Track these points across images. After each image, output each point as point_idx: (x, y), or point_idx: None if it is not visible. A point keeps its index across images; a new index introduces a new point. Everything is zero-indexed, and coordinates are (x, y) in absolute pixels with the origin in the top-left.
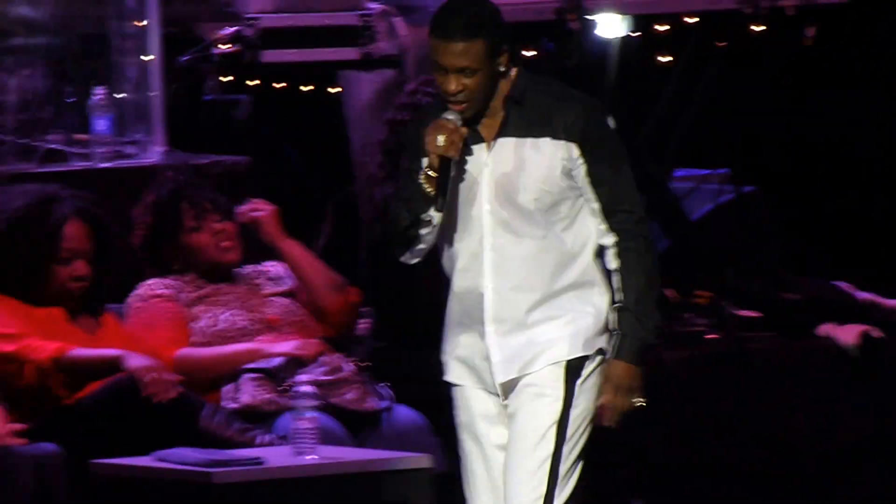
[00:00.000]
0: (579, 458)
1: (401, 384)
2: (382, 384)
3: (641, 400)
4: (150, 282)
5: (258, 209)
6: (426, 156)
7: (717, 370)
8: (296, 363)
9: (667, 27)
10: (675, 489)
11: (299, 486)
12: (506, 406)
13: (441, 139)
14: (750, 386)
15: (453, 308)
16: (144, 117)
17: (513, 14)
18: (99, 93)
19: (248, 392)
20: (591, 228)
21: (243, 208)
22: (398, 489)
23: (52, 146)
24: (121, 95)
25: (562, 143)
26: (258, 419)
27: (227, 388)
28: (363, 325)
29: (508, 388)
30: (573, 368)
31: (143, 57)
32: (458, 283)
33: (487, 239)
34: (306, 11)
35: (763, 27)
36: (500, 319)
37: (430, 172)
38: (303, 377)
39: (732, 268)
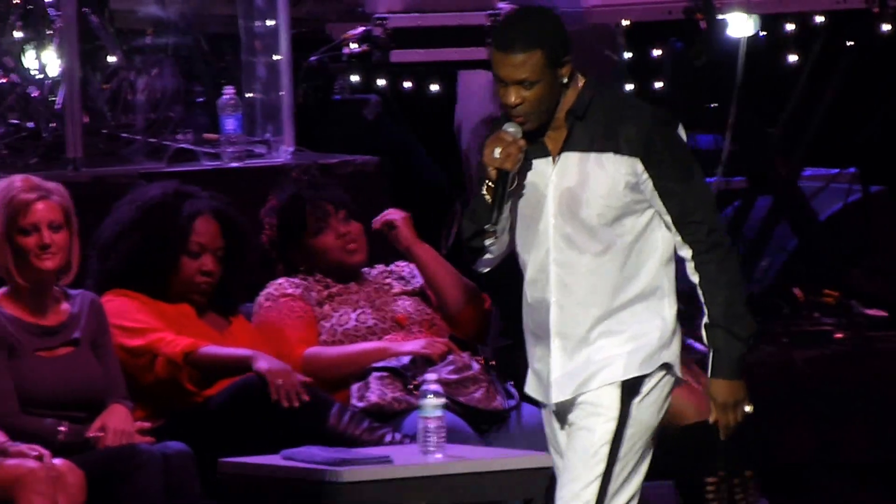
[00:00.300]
0: (633, 474)
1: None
2: (509, 382)
3: (749, 407)
4: (279, 281)
5: (392, 216)
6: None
7: (845, 369)
8: (423, 362)
9: (794, 26)
10: (804, 487)
11: (426, 484)
12: (561, 426)
13: (498, 151)
14: (878, 384)
15: (527, 320)
16: (273, 117)
17: (643, 14)
18: (228, 92)
19: (376, 391)
20: (659, 241)
21: (377, 218)
22: (524, 488)
23: (182, 145)
24: (250, 95)
25: (625, 157)
26: (386, 418)
27: (355, 387)
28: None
29: (563, 408)
30: (630, 388)
31: (272, 56)
32: (530, 294)
33: (552, 253)
34: (435, 11)
35: (890, 26)
36: (563, 335)
37: (489, 184)
38: (430, 376)
39: (860, 267)
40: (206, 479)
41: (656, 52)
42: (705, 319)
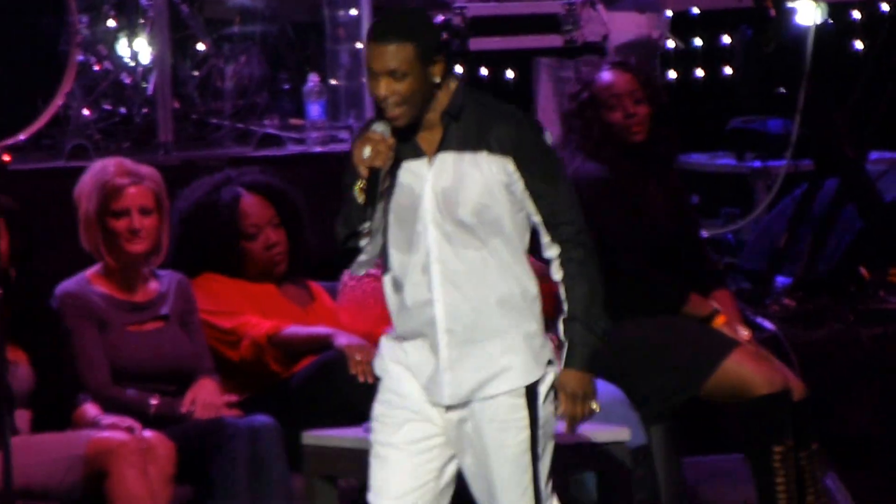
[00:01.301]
0: (551, 464)
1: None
2: None
3: (596, 406)
4: None
5: None
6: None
7: None
8: None
9: (861, 14)
10: (869, 460)
11: None
12: (456, 420)
13: (367, 150)
14: None
15: (402, 323)
16: (356, 103)
17: (714, 1)
18: (313, 79)
19: None
20: (527, 241)
21: None
22: (597, 461)
23: (268, 131)
24: (334, 82)
25: (497, 157)
26: None
27: None
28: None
29: (457, 405)
30: (531, 391)
31: (355, 44)
32: (410, 297)
33: (433, 252)
34: (511, 0)
35: None
36: (452, 331)
37: (360, 184)
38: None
39: None
40: (291, 452)
41: (727, 40)
42: (564, 314)
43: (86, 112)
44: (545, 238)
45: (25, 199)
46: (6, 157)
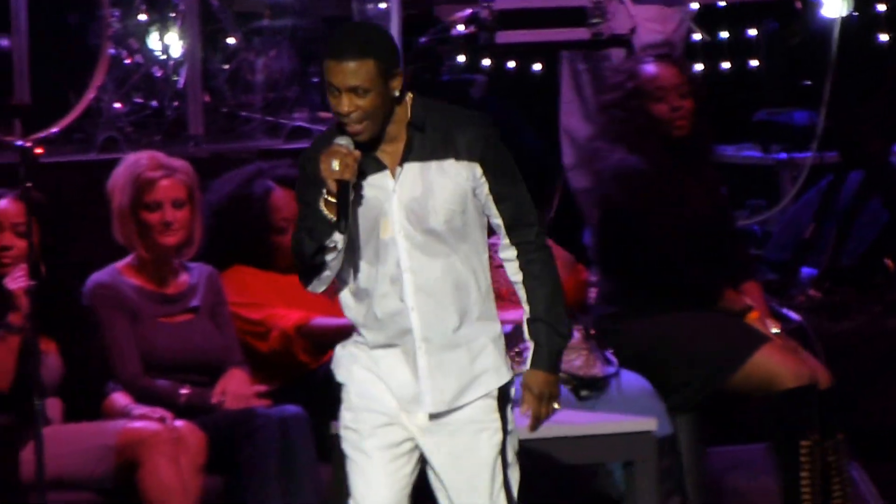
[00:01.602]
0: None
1: (625, 350)
2: (608, 350)
3: (558, 406)
4: None
5: None
6: (323, 183)
7: None
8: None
9: (886, 7)
10: (894, 456)
11: (527, 447)
12: (427, 424)
13: (335, 164)
14: None
15: (375, 334)
16: None
17: None
18: None
19: None
20: (485, 245)
21: None
22: (624, 451)
23: (298, 124)
24: None
25: (464, 163)
26: None
27: None
28: (591, 293)
29: (431, 423)
30: (503, 394)
31: None
32: (382, 308)
33: (404, 262)
34: None
35: None
36: (428, 339)
37: (329, 198)
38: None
39: None
40: (320, 442)
41: (753, 32)
42: (527, 315)
43: (117, 105)
44: (504, 240)
45: (57, 191)
46: (38, 150)
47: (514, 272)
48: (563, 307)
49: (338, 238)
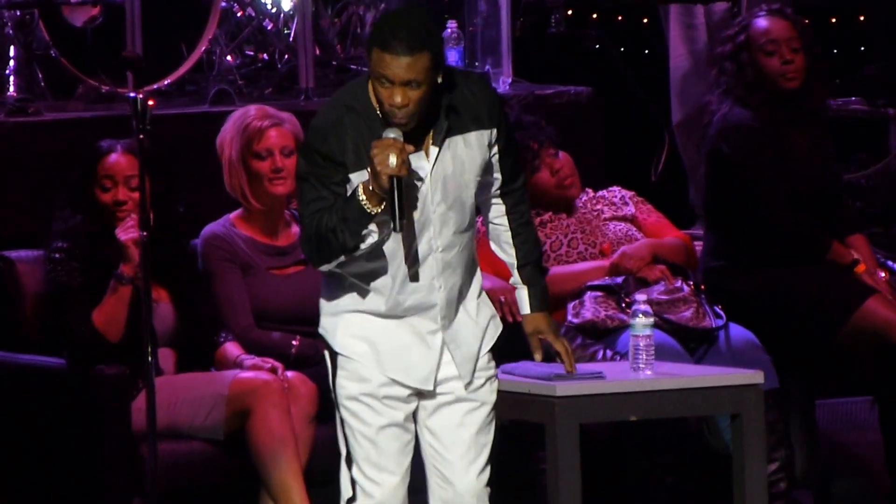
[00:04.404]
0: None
1: (733, 304)
2: (717, 305)
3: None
4: None
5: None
6: (373, 174)
7: None
8: (637, 282)
9: None
10: None
11: (636, 399)
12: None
13: (393, 159)
14: None
15: (393, 307)
16: (493, 50)
17: None
18: (451, 26)
19: (590, 308)
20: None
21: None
22: (731, 404)
23: None
24: (471, 29)
25: (486, 131)
26: (599, 335)
27: (570, 305)
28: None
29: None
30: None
31: None
32: (406, 287)
33: (435, 241)
34: None
35: None
36: (448, 316)
37: (376, 191)
38: (640, 296)
39: None
40: None
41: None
42: (519, 262)
43: (229, 58)
44: (496, 192)
45: (169, 143)
46: (151, 102)
47: (501, 222)
48: (540, 251)
49: (375, 229)
